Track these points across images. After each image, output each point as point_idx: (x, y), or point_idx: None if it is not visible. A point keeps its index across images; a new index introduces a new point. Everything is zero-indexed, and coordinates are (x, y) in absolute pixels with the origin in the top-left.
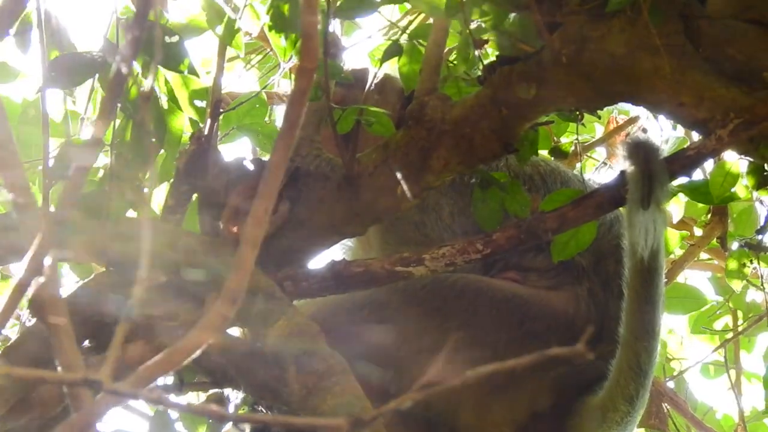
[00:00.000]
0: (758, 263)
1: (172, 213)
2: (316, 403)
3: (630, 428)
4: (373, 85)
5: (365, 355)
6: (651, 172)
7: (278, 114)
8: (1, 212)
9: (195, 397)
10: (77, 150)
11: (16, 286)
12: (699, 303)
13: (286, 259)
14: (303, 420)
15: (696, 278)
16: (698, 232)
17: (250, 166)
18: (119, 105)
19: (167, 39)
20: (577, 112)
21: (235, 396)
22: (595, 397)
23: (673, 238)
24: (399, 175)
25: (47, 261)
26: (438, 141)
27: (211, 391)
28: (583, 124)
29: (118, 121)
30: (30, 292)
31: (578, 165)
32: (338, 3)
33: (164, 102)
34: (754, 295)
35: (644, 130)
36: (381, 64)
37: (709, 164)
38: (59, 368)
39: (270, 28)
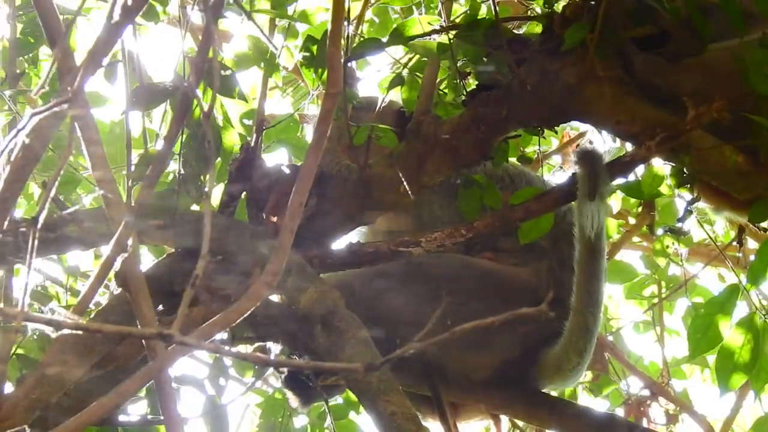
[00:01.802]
0: (678, 245)
1: (226, 207)
2: (337, 352)
3: (579, 374)
4: (378, 108)
5: (376, 315)
6: (596, 172)
7: (307, 131)
8: (96, 207)
9: (244, 349)
10: (153, 159)
11: (104, 262)
12: (632, 275)
13: (315, 241)
14: (328, 365)
15: (630, 256)
16: (632, 221)
17: (287, 171)
18: (185, 123)
19: (223, 72)
20: (539, 128)
21: (275, 348)
22: (552, 350)
23: (612, 226)
24: (401, 177)
25: (129, 242)
26: (432, 151)
27: (256, 344)
28: (543, 137)
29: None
30: (116, 266)
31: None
32: (354, 45)
33: (220, 121)
34: (674, 270)
35: (591, 142)
36: (387, 92)
37: (640, 168)
38: (139, 326)
39: (302, 64)
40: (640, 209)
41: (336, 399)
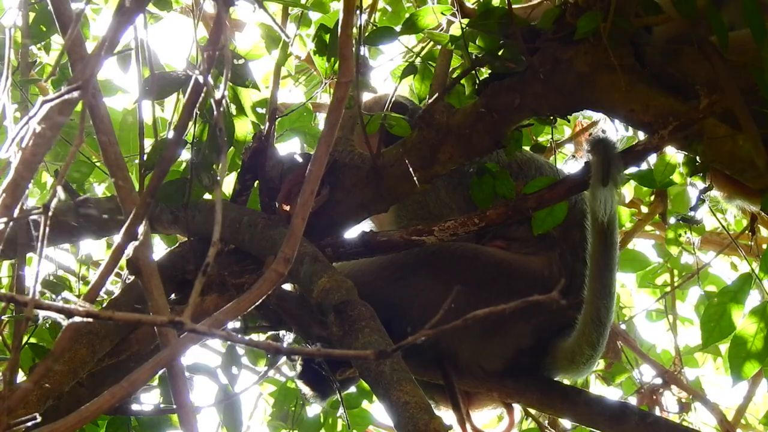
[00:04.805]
0: (690, 233)
1: (239, 195)
2: (350, 342)
3: (593, 366)
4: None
5: (388, 304)
6: (609, 158)
7: (320, 119)
8: (108, 195)
9: (257, 337)
10: (165, 147)
11: (115, 248)
12: (644, 264)
13: (327, 230)
14: (340, 352)
15: (642, 245)
16: (644, 209)
17: (299, 159)
18: (198, 112)
19: (236, 61)
20: (551, 117)
21: (288, 336)
22: (565, 342)
23: (625, 214)
24: (414, 166)
25: (141, 230)
26: (444, 139)
27: (269, 333)
28: (555, 127)
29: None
30: (128, 254)
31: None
32: (367, 33)
33: (233, 109)
34: (687, 258)
35: (603, 131)
36: (400, 81)
37: (652, 157)
38: (150, 313)
39: (315, 53)
40: (652, 198)
41: (349, 388)
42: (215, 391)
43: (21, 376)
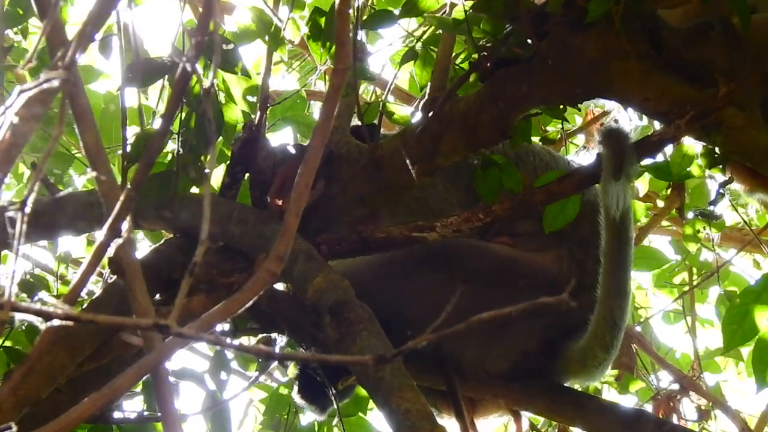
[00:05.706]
0: (710, 229)
1: (228, 189)
2: (347, 345)
3: (605, 370)
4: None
5: (387, 304)
6: (622, 151)
7: (315, 108)
8: (89, 189)
9: (247, 341)
10: (150, 138)
11: (97, 247)
12: (661, 262)
13: (323, 226)
14: (336, 357)
15: (658, 242)
16: (660, 203)
17: (293, 151)
18: (185, 100)
19: (224, 46)
20: (561, 106)
21: (280, 339)
22: (577, 344)
23: (640, 209)
24: (415, 158)
25: (124, 226)
26: (446, 129)
27: (260, 336)
28: (566, 120)
29: (184, 114)
30: (110, 252)
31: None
32: (365, 16)
33: (222, 97)
34: (706, 255)
35: (616, 120)
36: (400, 67)
37: (668, 148)
38: (134, 315)
39: (309, 37)
40: (669, 191)
41: (349, 396)
42: (203, 397)
43: None
